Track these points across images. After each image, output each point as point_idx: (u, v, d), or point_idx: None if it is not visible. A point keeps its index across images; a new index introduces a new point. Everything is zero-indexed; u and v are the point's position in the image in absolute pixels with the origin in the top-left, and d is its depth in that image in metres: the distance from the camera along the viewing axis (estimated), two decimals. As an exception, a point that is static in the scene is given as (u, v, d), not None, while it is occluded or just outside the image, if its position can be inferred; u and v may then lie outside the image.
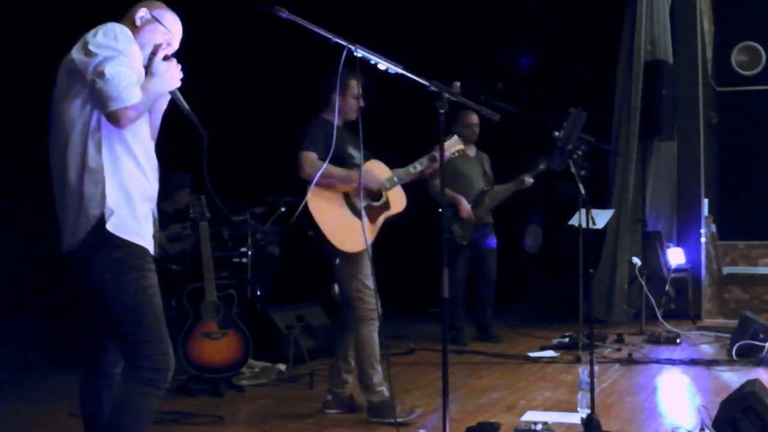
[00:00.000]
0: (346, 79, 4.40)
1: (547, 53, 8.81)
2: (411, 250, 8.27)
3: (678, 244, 8.33)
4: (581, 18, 8.57)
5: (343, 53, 3.05)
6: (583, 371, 4.30)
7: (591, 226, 4.59)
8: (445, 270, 3.03)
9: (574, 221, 6.18)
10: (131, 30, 2.85)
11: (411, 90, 3.22)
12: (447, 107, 3.11)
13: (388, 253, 5.04)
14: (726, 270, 9.49)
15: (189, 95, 2.97)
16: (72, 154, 2.76)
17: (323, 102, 4.55)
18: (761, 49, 9.64)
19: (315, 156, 4.31)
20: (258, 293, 6.87)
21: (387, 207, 4.54)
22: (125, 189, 2.79)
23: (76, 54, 2.76)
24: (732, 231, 9.57)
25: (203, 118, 2.94)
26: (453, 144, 4.51)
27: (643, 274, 7.44)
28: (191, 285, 5.24)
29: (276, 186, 6.93)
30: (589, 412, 3.94)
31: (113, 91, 2.69)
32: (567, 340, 6.56)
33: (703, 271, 8.41)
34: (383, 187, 4.49)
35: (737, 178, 9.65)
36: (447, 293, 3.05)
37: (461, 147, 4.57)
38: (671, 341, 6.70)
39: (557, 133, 4.30)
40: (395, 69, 3.08)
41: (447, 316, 3.07)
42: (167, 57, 2.95)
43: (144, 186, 2.86)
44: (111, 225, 2.74)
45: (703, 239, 8.47)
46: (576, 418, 4.16)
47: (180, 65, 2.94)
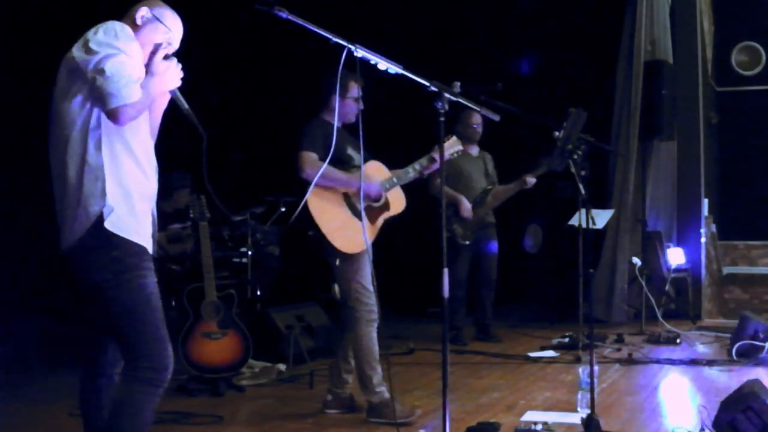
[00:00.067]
0: (345, 81, 4.37)
1: (547, 53, 8.81)
2: (411, 250, 8.27)
3: (678, 244, 8.33)
4: (581, 18, 8.56)
5: (343, 53, 3.05)
6: (583, 371, 4.30)
7: (591, 226, 4.58)
8: (445, 270, 3.03)
9: (574, 221, 6.18)
10: (132, 29, 2.85)
11: (411, 90, 3.22)
12: (447, 107, 3.11)
13: (388, 254, 5.03)
14: (726, 270, 9.49)
15: (189, 95, 2.97)
16: (72, 152, 2.76)
17: (322, 103, 4.53)
18: (761, 49, 9.65)
19: (315, 156, 4.30)
20: (258, 293, 6.87)
21: (387, 208, 4.54)
22: (124, 187, 2.79)
23: (76, 52, 2.76)
24: (732, 231, 9.57)
25: (203, 118, 2.94)
26: (452, 144, 4.51)
27: (643, 274, 7.44)
28: (191, 285, 5.23)
29: (276, 186, 6.92)
30: (589, 412, 3.94)
31: (113, 89, 2.69)
32: (567, 340, 6.56)
33: (703, 271, 8.41)
34: (382, 194, 4.48)
35: (737, 178, 9.65)
36: (447, 293, 3.04)
37: (460, 148, 4.57)
38: (671, 341, 6.70)
39: (557, 133, 4.30)
40: (395, 69, 3.07)
41: (447, 316, 3.07)
42: (167, 56, 2.95)
43: (143, 185, 2.86)
44: (109, 223, 2.74)
45: (703, 239, 8.47)
46: (576, 418, 4.16)
47: (180, 65, 2.94)
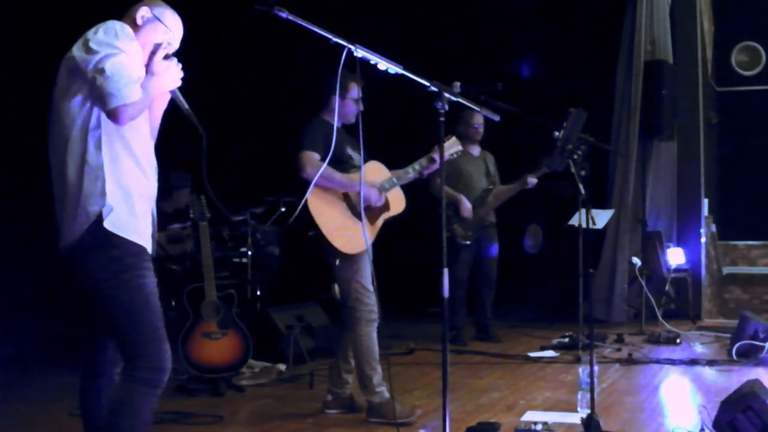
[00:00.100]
0: (345, 82, 4.36)
1: (547, 53, 8.81)
2: (411, 250, 8.27)
3: (678, 244, 8.32)
4: (581, 18, 8.56)
5: (343, 53, 3.05)
6: (583, 371, 4.30)
7: (591, 226, 4.58)
8: (445, 270, 3.03)
9: (574, 221, 6.18)
10: (132, 28, 2.85)
11: (411, 90, 3.22)
12: (447, 107, 3.11)
13: (388, 254, 5.03)
14: (726, 270, 9.49)
15: (189, 95, 2.97)
16: (72, 151, 2.76)
17: (322, 103, 4.53)
18: (761, 49, 9.65)
19: (317, 156, 4.29)
20: (258, 293, 6.87)
21: (386, 208, 4.54)
22: (124, 187, 2.78)
23: (76, 51, 2.76)
24: (732, 231, 9.57)
25: (203, 118, 2.94)
26: (452, 145, 4.51)
27: (643, 274, 7.44)
28: (191, 285, 5.23)
29: (276, 186, 6.92)
30: (589, 412, 3.94)
31: (113, 88, 2.69)
32: (567, 340, 6.56)
33: (703, 271, 8.41)
34: (382, 201, 4.48)
35: (737, 178, 9.65)
36: (447, 293, 3.04)
37: (460, 148, 4.57)
38: (671, 341, 6.70)
39: (557, 133, 4.29)
40: (395, 69, 3.07)
41: (447, 316, 3.07)
42: (167, 56, 2.95)
43: (143, 185, 2.86)
44: (108, 223, 2.74)
45: (703, 239, 8.47)
46: (576, 418, 4.16)
47: (180, 65, 2.94)
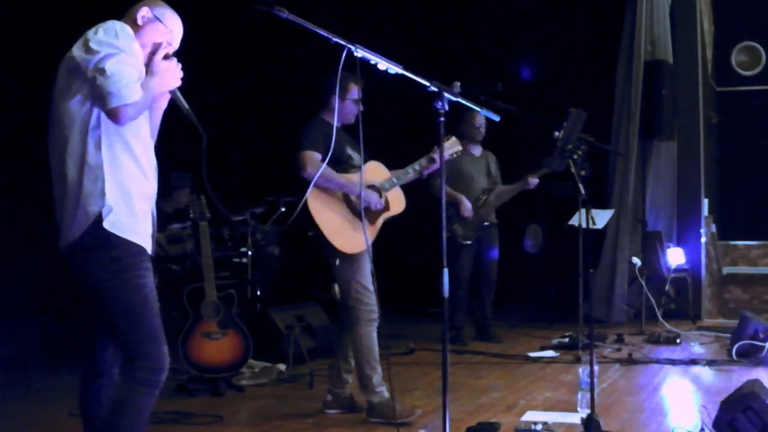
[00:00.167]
0: (345, 83, 4.36)
1: (547, 53, 8.81)
2: (411, 250, 8.27)
3: (678, 244, 8.32)
4: (581, 18, 8.56)
5: (343, 53, 3.05)
6: (583, 371, 4.30)
7: (591, 226, 4.58)
8: (445, 270, 3.02)
9: (574, 221, 6.18)
10: (132, 28, 2.85)
11: (411, 90, 3.22)
12: (447, 107, 3.11)
13: (388, 254, 5.03)
14: (726, 270, 9.49)
15: (189, 95, 2.97)
16: (71, 151, 2.76)
17: (322, 103, 4.53)
18: (761, 49, 9.65)
19: (318, 156, 4.29)
20: (258, 293, 6.87)
21: (386, 208, 4.54)
22: (124, 187, 2.78)
23: (76, 51, 2.76)
24: (732, 231, 9.57)
25: (203, 118, 2.94)
26: (452, 145, 4.51)
27: (643, 274, 7.44)
28: (191, 285, 5.23)
29: (276, 186, 6.92)
30: (589, 412, 3.94)
31: (113, 88, 2.69)
32: (567, 340, 6.56)
33: (703, 271, 8.41)
34: (382, 204, 4.48)
35: (737, 178, 9.65)
36: (447, 293, 3.04)
37: (459, 148, 4.58)
38: (671, 341, 6.70)
39: (557, 133, 4.29)
40: (395, 69, 3.07)
41: (447, 316, 3.07)
42: (167, 56, 2.94)
43: (143, 185, 2.86)
44: (108, 223, 2.74)
45: (703, 239, 8.47)
46: (576, 418, 4.16)
47: (180, 65, 2.94)
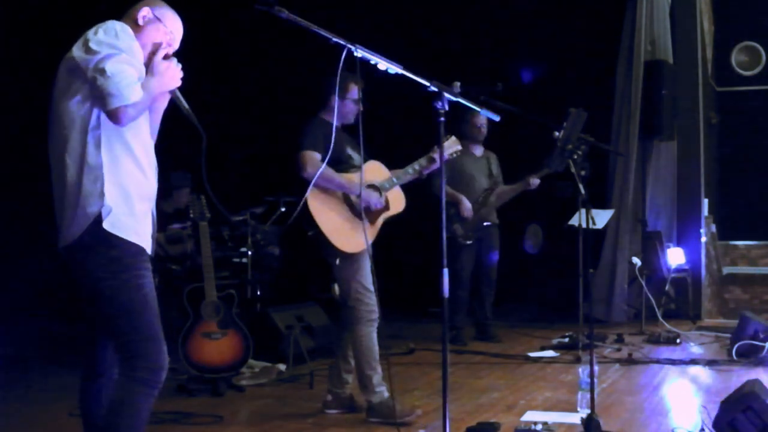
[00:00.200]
0: (345, 83, 4.36)
1: (547, 53, 8.81)
2: (411, 250, 8.27)
3: (678, 244, 8.32)
4: (581, 18, 8.56)
5: (343, 53, 3.05)
6: (583, 371, 4.30)
7: (591, 226, 4.58)
8: (445, 270, 3.02)
9: (574, 221, 6.18)
10: (133, 29, 2.85)
11: (411, 90, 3.22)
12: (447, 107, 3.11)
13: (388, 254, 5.03)
14: (726, 270, 9.49)
15: (189, 95, 2.97)
16: (71, 151, 2.76)
17: (322, 103, 4.52)
18: (761, 49, 9.65)
19: (318, 156, 4.29)
20: (258, 293, 6.87)
21: (386, 208, 4.54)
22: (124, 187, 2.78)
23: (76, 51, 2.76)
24: (732, 231, 9.57)
25: (203, 118, 2.94)
26: (451, 145, 4.52)
27: (643, 274, 7.44)
28: (191, 285, 5.23)
29: (276, 186, 6.92)
30: (589, 412, 3.94)
31: (114, 89, 2.69)
32: (567, 340, 6.56)
33: (703, 271, 8.40)
34: (382, 204, 4.47)
35: (737, 178, 9.65)
36: (447, 293, 3.04)
37: (459, 148, 4.58)
38: (671, 341, 6.70)
39: (557, 133, 4.29)
40: (395, 69, 3.08)
41: (447, 316, 3.07)
42: (168, 56, 2.95)
43: (143, 185, 2.86)
44: (108, 223, 2.74)
45: (703, 239, 8.47)
46: (576, 418, 4.16)
47: (180, 65, 2.94)
